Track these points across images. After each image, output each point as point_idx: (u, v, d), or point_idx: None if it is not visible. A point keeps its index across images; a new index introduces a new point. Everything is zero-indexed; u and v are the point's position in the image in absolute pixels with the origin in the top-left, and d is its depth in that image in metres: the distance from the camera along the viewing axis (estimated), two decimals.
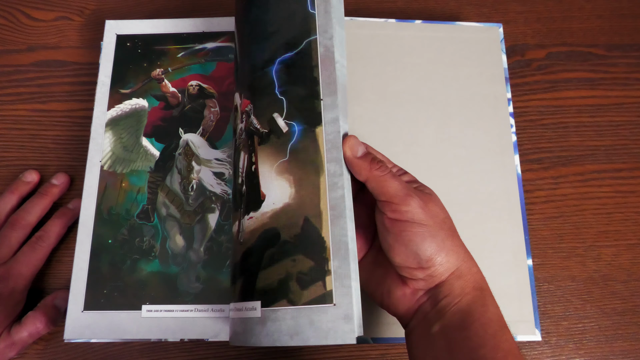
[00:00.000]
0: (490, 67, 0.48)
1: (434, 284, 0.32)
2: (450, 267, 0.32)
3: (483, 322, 0.30)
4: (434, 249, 0.31)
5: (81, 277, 0.40)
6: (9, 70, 0.49)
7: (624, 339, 0.44)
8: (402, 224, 0.32)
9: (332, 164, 0.32)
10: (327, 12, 0.34)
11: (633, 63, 0.52)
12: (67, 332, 0.38)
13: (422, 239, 0.31)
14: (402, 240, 0.32)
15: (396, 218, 0.32)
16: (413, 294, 0.33)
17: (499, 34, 0.49)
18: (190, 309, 0.39)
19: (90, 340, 0.39)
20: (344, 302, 0.30)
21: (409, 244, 0.31)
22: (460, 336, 0.30)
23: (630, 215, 0.47)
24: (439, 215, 0.33)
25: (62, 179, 0.45)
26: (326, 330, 0.29)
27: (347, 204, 0.32)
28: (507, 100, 0.47)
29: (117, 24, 0.47)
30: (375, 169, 0.33)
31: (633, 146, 0.50)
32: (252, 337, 0.31)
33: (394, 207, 0.32)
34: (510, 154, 0.45)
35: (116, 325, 0.38)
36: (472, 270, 0.32)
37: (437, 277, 0.32)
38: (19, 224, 0.42)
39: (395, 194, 0.32)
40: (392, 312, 0.35)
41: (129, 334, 0.38)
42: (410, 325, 0.33)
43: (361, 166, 0.33)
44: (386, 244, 0.33)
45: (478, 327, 0.30)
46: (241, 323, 0.32)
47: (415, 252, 0.31)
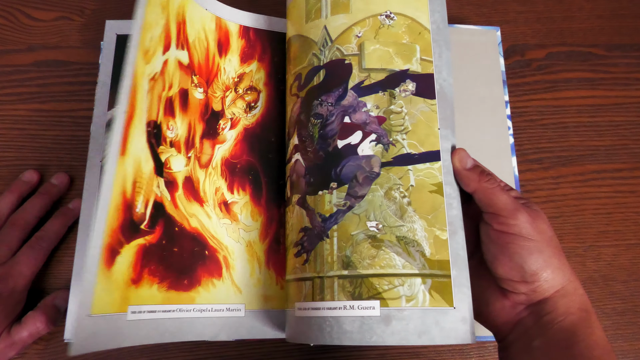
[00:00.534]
0: (487, 70, 0.48)
1: (536, 300, 0.32)
2: (555, 284, 0.32)
3: (588, 343, 0.30)
4: (540, 264, 0.31)
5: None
6: (9, 70, 0.49)
7: (624, 339, 0.44)
8: (508, 236, 0.32)
9: (448, 187, 0.35)
10: (441, 57, 0.38)
11: (633, 63, 0.52)
12: (68, 332, 0.38)
13: (529, 253, 0.31)
14: (508, 252, 0.32)
15: (503, 230, 0.32)
16: (513, 307, 0.33)
17: (496, 36, 0.49)
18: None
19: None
20: (461, 306, 0.32)
21: (514, 257, 0.32)
22: (563, 354, 0.30)
23: (630, 215, 0.47)
24: (546, 232, 0.33)
25: (62, 178, 0.45)
26: (449, 330, 0.32)
27: (459, 220, 0.34)
28: (505, 102, 0.47)
29: (117, 24, 0.47)
30: (484, 180, 0.34)
31: (633, 146, 0.50)
32: (373, 336, 0.32)
33: (502, 219, 0.32)
34: (507, 156, 0.46)
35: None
36: (578, 291, 0.32)
37: (541, 293, 0.32)
38: (19, 224, 0.42)
39: (504, 207, 0.33)
40: (489, 324, 0.35)
41: (128, 341, 0.37)
42: (508, 339, 0.33)
43: (470, 178, 0.34)
44: (490, 256, 0.33)
45: (583, 348, 0.30)
46: (351, 322, 0.33)
47: (520, 265, 0.32)
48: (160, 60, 0.41)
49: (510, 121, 0.47)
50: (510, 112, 0.47)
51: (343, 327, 0.32)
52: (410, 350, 0.43)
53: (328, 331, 0.33)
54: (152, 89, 0.40)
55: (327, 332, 0.33)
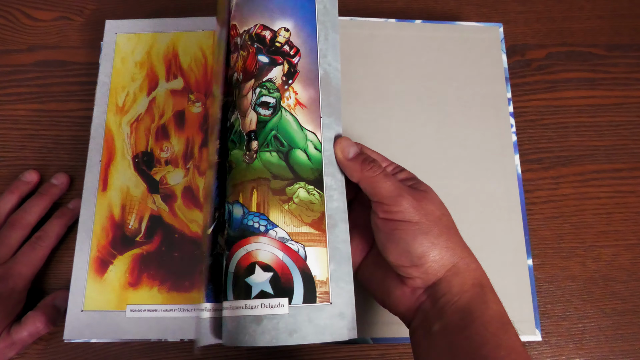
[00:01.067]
0: (490, 67, 0.48)
1: (430, 282, 0.32)
2: (445, 263, 0.31)
3: (484, 320, 0.30)
4: (426, 245, 0.31)
5: (81, 276, 0.40)
6: (9, 70, 0.49)
7: (624, 339, 0.44)
8: (393, 223, 0.32)
9: (329, 178, 0.34)
10: (326, 39, 0.36)
11: (633, 63, 0.52)
12: (67, 332, 0.38)
13: (413, 237, 0.31)
14: (394, 239, 0.32)
15: (387, 218, 0.32)
16: (412, 292, 0.33)
17: (499, 33, 0.49)
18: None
19: (90, 340, 0.39)
20: (339, 302, 0.32)
21: (399, 242, 0.31)
22: (461, 335, 0.30)
23: (630, 215, 0.47)
24: (433, 212, 0.32)
25: (62, 179, 0.45)
26: (323, 326, 0.31)
27: (341, 213, 0.34)
28: (507, 100, 0.47)
29: (117, 24, 0.47)
30: (367, 169, 0.33)
31: (633, 146, 0.50)
32: (246, 335, 0.31)
33: (386, 207, 0.32)
34: (510, 153, 0.45)
35: (116, 325, 0.39)
36: (471, 266, 0.32)
37: (433, 275, 0.32)
38: (18, 224, 0.42)
39: (387, 195, 0.32)
40: (394, 311, 0.35)
41: (129, 334, 0.38)
42: (413, 325, 0.33)
43: (352, 168, 0.34)
44: (380, 244, 0.33)
45: (479, 325, 0.30)
46: (232, 322, 0.32)
47: (406, 249, 0.31)
48: (144, 102, 0.44)
49: (513, 119, 0.47)
50: (513, 110, 0.47)
51: (227, 327, 0.33)
52: (410, 351, 0.43)
53: (225, 331, 0.33)
54: (137, 129, 0.43)
55: (224, 332, 0.33)
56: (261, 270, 0.32)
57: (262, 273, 0.32)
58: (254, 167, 0.34)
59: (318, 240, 0.33)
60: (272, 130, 0.34)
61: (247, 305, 0.32)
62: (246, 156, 0.34)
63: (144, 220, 0.41)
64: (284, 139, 0.34)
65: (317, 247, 0.33)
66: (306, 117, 0.35)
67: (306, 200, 0.33)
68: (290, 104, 0.35)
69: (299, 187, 0.33)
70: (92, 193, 0.42)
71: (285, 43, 0.35)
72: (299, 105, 0.35)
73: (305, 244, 0.33)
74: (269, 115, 0.35)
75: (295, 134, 0.34)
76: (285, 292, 0.32)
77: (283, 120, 0.34)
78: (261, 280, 0.32)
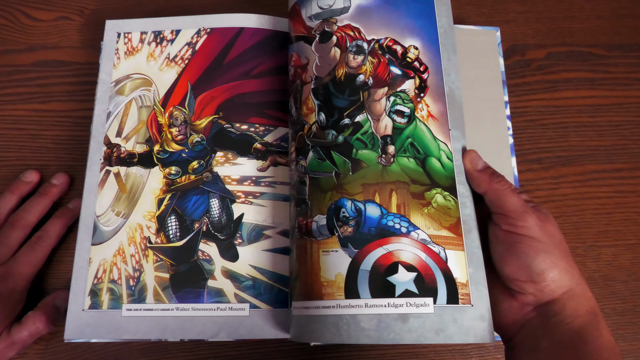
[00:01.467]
0: (487, 70, 0.48)
1: (544, 300, 0.32)
2: (563, 285, 0.32)
3: (597, 346, 0.30)
4: (548, 264, 0.32)
5: (81, 276, 0.40)
6: (9, 70, 0.49)
7: (624, 339, 0.44)
8: (516, 236, 0.33)
9: (461, 186, 0.36)
10: (449, 60, 0.39)
11: (633, 63, 0.52)
12: (68, 332, 0.38)
13: (536, 253, 0.32)
14: (515, 252, 0.32)
15: (511, 231, 0.33)
16: (520, 308, 0.33)
17: (496, 37, 0.49)
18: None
19: (90, 340, 0.39)
20: (479, 304, 0.33)
21: (521, 256, 0.32)
22: (570, 356, 0.30)
23: (630, 215, 0.47)
24: (555, 235, 0.33)
25: (62, 179, 0.45)
26: (467, 327, 0.32)
27: (473, 220, 0.35)
28: (505, 103, 0.47)
29: (117, 24, 0.47)
30: (495, 182, 0.34)
31: (633, 146, 0.50)
32: (391, 333, 0.32)
33: (511, 220, 0.33)
34: (507, 155, 0.46)
35: (117, 325, 0.38)
36: (587, 294, 0.32)
37: (549, 294, 0.32)
38: (19, 223, 0.42)
39: (514, 209, 0.33)
40: (496, 324, 0.35)
41: (129, 334, 0.38)
42: (515, 340, 0.33)
43: (481, 179, 0.35)
44: (497, 255, 0.34)
45: (591, 350, 0.30)
46: (368, 320, 0.33)
47: (527, 264, 0.32)
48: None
49: (510, 121, 0.47)
50: (509, 113, 0.47)
51: (360, 325, 0.32)
52: (410, 351, 0.43)
53: (345, 329, 0.33)
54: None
55: (345, 331, 0.33)
56: (405, 270, 0.33)
57: (406, 272, 0.33)
58: (391, 170, 0.36)
59: (456, 243, 0.34)
60: (409, 138, 0.37)
61: (390, 304, 0.33)
62: (382, 159, 0.36)
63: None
64: (420, 147, 0.37)
65: (456, 251, 0.34)
66: (437, 128, 0.37)
67: (443, 205, 0.35)
68: (423, 115, 0.37)
69: (436, 193, 0.35)
70: (92, 193, 0.42)
71: (415, 59, 0.39)
72: (430, 117, 0.37)
73: (445, 246, 0.34)
74: (405, 124, 0.37)
75: (430, 143, 0.37)
76: (429, 292, 0.33)
77: (418, 129, 0.37)
78: (405, 279, 0.33)
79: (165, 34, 0.46)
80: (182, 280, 0.39)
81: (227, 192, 0.41)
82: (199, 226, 0.41)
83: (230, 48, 0.45)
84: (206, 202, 0.41)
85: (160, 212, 0.41)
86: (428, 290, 0.33)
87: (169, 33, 0.46)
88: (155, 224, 0.41)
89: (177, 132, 0.43)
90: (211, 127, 0.43)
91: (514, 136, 0.47)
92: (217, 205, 0.41)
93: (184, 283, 0.39)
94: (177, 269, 0.40)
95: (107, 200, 0.42)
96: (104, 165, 0.42)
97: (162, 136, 0.43)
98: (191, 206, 0.41)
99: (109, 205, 0.41)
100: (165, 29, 0.46)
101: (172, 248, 0.40)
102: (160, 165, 0.42)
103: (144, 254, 0.40)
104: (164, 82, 0.45)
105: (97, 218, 0.41)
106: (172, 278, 0.40)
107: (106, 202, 0.42)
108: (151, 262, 0.40)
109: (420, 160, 0.36)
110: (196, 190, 0.42)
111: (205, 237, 0.40)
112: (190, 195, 0.41)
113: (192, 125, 0.43)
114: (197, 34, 0.46)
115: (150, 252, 0.40)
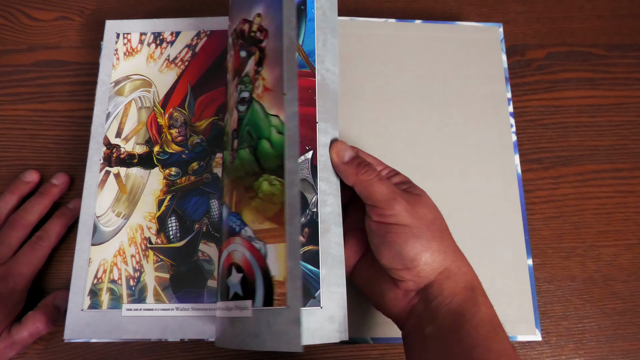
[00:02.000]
0: (490, 67, 0.48)
1: (422, 285, 0.32)
2: (437, 267, 0.32)
3: (474, 323, 0.30)
4: (418, 249, 0.31)
5: (81, 276, 0.40)
6: (9, 70, 0.49)
7: (624, 339, 0.44)
8: (386, 226, 0.32)
9: (323, 183, 0.34)
10: (324, 45, 0.36)
11: (633, 63, 0.52)
12: (67, 332, 0.38)
13: (405, 240, 0.31)
14: (387, 242, 0.32)
15: (381, 221, 0.32)
16: (404, 295, 0.33)
17: (499, 33, 0.49)
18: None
19: (90, 340, 0.39)
20: (329, 305, 0.32)
21: (392, 245, 0.32)
22: (452, 338, 0.30)
23: (630, 215, 0.47)
24: (426, 216, 0.33)
25: (62, 179, 0.45)
26: (313, 329, 0.31)
27: (335, 217, 0.34)
28: (507, 100, 0.47)
29: (117, 24, 0.47)
30: (361, 173, 0.33)
31: (633, 146, 0.50)
32: (224, 337, 0.32)
33: (379, 211, 0.32)
34: (510, 153, 0.45)
35: (116, 325, 0.39)
36: (462, 269, 0.32)
37: (425, 278, 0.32)
38: (19, 223, 0.42)
39: (381, 199, 0.32)
40: (388, 314, 0.35)
41: (129, 334, 0.38)
42: (406, 328, 0.33)
43: (348, 171, 0.34)
44: (373, 247, 0.33)
45: (470, 328, 0.30)
46: (222, 322, 0.33)
47: (398, 252, 0.32)
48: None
49: (513, 119, 0.47)
50: (513, 110, 0.47)
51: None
52: None
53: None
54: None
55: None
56: (235, 272, 0.32)
57: (236, 274, 0.32)
58: (235, 166, 0.34)
59: (277, 235, 0.31)
60: (247, 126, 0.34)
61: (225, 307, 0.32)
62: (230, 156, 0.34)
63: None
64: (253, 132, 0.33)
65: (277, 244, 0.31)
66: (271, 100, 0.33)
67: (268, 193, 0.32)
68: (259, 93, 0.34)
69: (262, 180, 0.32)
70: (91, 193, 0.42)
71: (258, 30, 0.34)
72: (265, 92, 0.33)
73: (267, 240, 0.31)
74: (245, 111, 0.34)
75: (262, 122, 0.33)
76: (250, 294, 0.31)
77: (254, 111, 0.34)
78: (235, 281, 0.32)
79: (165, 36, 0.46)
80: (182, 280, 0.39)
81: None
82: (199, 227, 0.41)
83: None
84: (206, 203, 0.41)
85: (161, 212, 0.41)
86: (249, 292, 0.31)
87: (168, 35, 0.46)
88: (155, 224, 0.41)
89: (177, 134, 0.43)
90: (211, 129, 0.43)
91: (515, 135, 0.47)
92: (217, 206, 0.41)
93: (184, 283, 0.39)
94: (178, 269, 0.40)
95: (108, 201, 0.42)
96: (103, 166, 0.42)
97: (162, 137, 0.43)
98: (191, 207, 0.41)
99: (109, 206, 0.41)
100: (165, 31, 0.46)
101: (173, 249, 0.40)
102: (160, 166, 0.42)
103: (145, 255, 0.40)
104: (164, 83, 0.45)
105: (98, 219, 0.41)
106: (172, 278, 0.40)
107: (106, 203, 0.41)
108: (151, 262, 0.40)
109: (253, 147, 0.33)
110: (196, 191, 0.42)
111: (205, 238, 0.40)
112: (191, 196, 0.41)
113: (192, 126, 0.43)
114: (197, 36, 0.46)
115: (150, 252, 0.40)
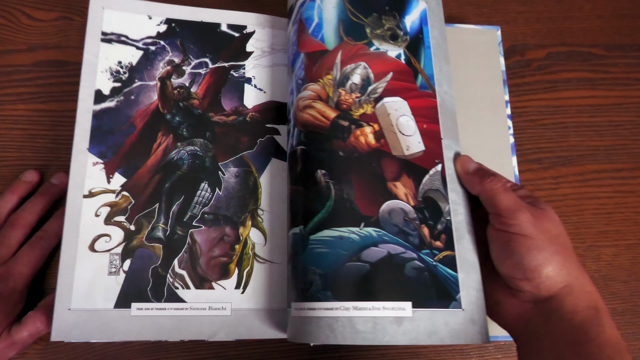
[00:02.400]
0: (488, 69, 0.48)
1: (541, 297, 0.32)
2: (559, 281, 0.32)
3: (599, 342, 0.30)
4: (540, 260, 0.32)
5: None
6: (9, 70, 0.49)
7: (624, 339, 0.44)
8: (508, 235, 0.33)
9: (452, 194, 0.37)
10: (441, 70, 0.40)
11: (633, 63, 0.52)
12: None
13: (526, 250, 0.32)
14: (508, 250, 0.33)
15: (503, 230, 0.33)
16: (520, 306, 0.34)
17: (497, 36, 0.49)
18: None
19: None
20: (470, 308, 0.34)
21: (513, 254, 0.32)
22: (572, 353, 0.30)
23: (630, 215, 0.47)
24: (550, 230, 0.33)
25: (62, 178, 0.45)
26: (458, 330, 0.33)
27: (467, 225, 0.36)
28: (505, 102, 0.47)
29: None
30: (487, 182, 0.35)
31: (633, 146, 0.50)
32: (385, 335, 0.32)
33: (503, 219, 0.33)
34: (508, 155, 0.46)
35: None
36: (587, 288, 0.32)
37: (545, 290, 0.32)
38: (18, 223, 0.42)
39: (505, 207, 0.33)
40: (501, 323, 0.35)
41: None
42: (521, 339, 0.34)
43: (473, 181, 0.36)
44: (494, 255, 0.34)
45: (593, 347, 0.30)
46: (364, 322, 0.33)
47: (519, 262, 0.32)
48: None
49: (511, 121, 0.47)
50: (510, 112, 0.47)
51: (356, 328, 0.33)
52: (410, 351, 0.43)
53: (340, 331, 0.33)
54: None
55: (340, 332, 0.33)
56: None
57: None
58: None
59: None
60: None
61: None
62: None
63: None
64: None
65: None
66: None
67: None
68: None
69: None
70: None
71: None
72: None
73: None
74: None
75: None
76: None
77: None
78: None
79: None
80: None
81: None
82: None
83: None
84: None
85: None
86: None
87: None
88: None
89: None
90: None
91: (514, 136, 0.47)
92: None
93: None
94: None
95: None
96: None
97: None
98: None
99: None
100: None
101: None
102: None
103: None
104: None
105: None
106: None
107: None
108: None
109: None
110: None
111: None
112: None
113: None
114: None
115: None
